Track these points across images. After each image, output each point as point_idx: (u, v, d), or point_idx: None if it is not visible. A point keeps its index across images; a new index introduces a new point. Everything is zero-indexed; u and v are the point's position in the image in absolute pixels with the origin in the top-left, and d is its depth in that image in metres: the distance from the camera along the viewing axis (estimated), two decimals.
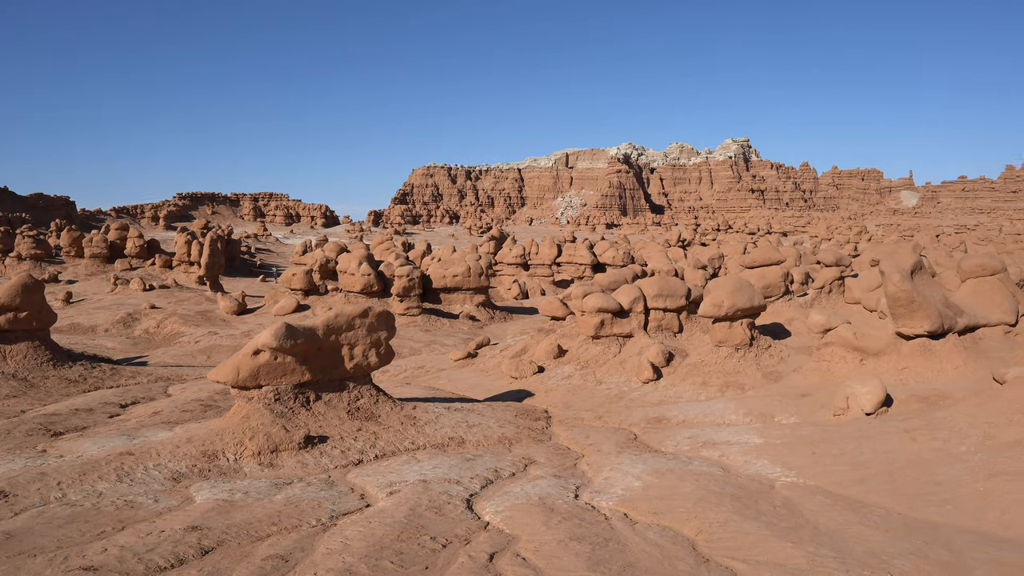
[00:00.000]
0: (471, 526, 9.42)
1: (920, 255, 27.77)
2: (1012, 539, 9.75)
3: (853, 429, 14.77)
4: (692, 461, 13.32)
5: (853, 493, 11.79)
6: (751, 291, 21.01)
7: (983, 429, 13.22)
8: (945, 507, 11.03)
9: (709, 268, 46.20)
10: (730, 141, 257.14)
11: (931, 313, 17.95)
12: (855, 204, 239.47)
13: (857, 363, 19.07)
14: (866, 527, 10.07)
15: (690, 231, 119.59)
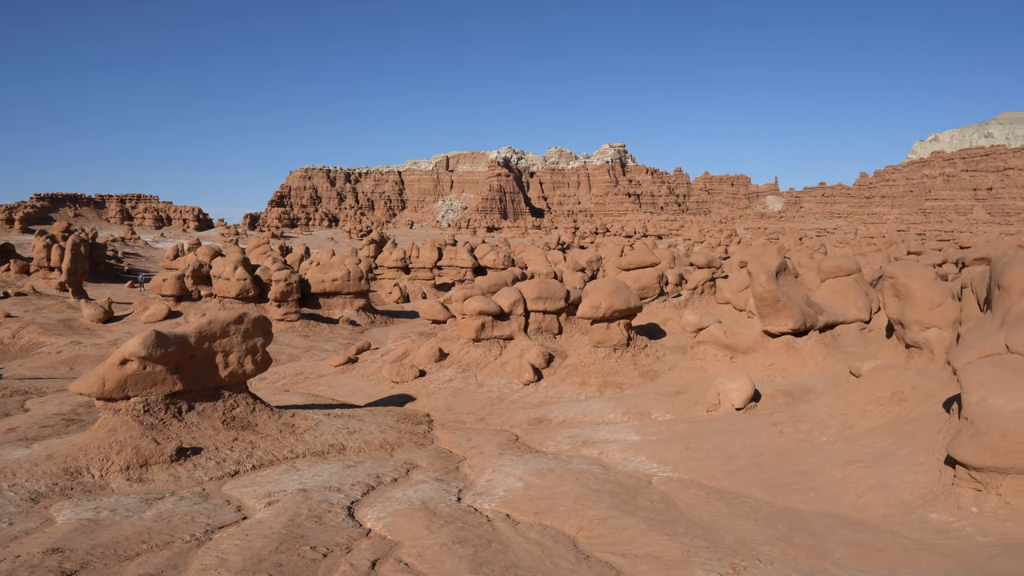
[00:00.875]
0: (353, 534, 9.24)
1: (784, 257, 29.20)
2: (866, 521, 10.38)
3: (724, 424, 15.38)
4: (572, 460, 13.51)
5: (725, 485, 12.27)
6: (628, 293, 21.56)
7: (841, 420, 14.03)
8: (808, 494, 11.63)
9: (588, 271, 47.13)
10: (607, 146, 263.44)
11: (795, 312, 18.92)
12: (726, 208, 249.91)
13: (728, 360, 19.87)
14: (737, 517, 10.48)
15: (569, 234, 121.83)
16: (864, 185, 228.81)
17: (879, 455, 12.22)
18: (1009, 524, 9.64)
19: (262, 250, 57.35)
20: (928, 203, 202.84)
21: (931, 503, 10.59)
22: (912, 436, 12.37)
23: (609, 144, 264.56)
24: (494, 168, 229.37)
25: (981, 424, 9.79)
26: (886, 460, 11.98)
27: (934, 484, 10.95)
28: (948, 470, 10.80)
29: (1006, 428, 9.59)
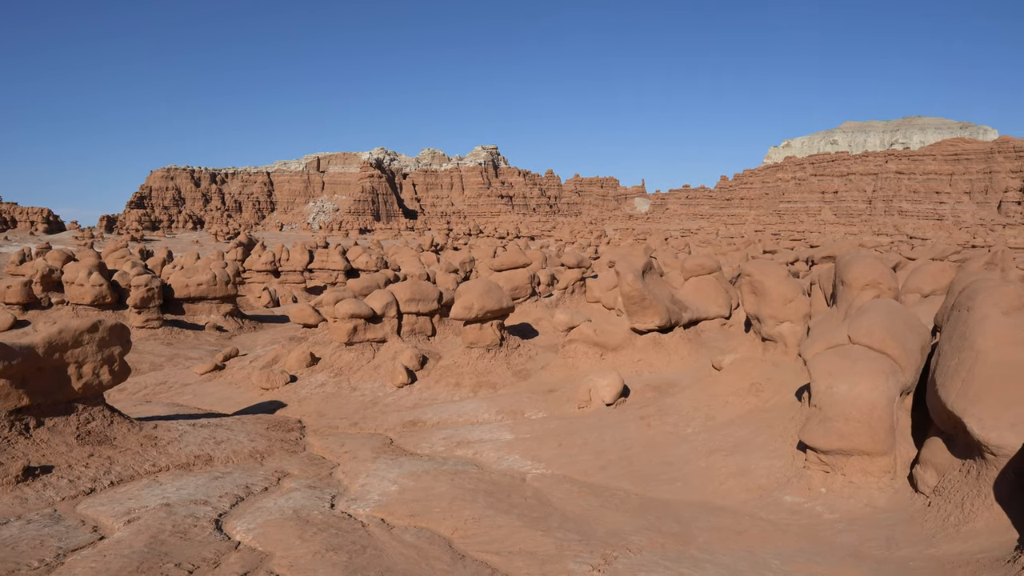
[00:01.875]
0: (221, 548, 8.92)
1: (651, 257, 30.21)
2: (728, 506, 10.91)
3: (595, 420, 15.79)
4: (447, 461, 13.53)
5: (597, 479, 12.59)
6: (500, 293, 21.78)
7: (705, 411, 14.67)
8: (675, 484, 12.11)
9: (461, 272, 47.24)
10: (480, 148, 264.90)
11: (661, 310, 19.63)
12: (595, 210, 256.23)
13: (598, 358, 20.40)
14: (608, 509, 10.79)
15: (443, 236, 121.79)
16: (725, 188, 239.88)
17: (739, 443, 12.86)
18: (852, 501, 10.38)
19: (120, 254, 54.37)
20: (782, 205, 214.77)
21: (786, 486, 11.25)
22: (768, 424, 13.09)
23: (482, 146, 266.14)
24: (366, 169, 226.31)
25: (828, 410, 10.49)
26: (745, 448, 12.63)
27: (788, 468, 11.64)
28: (800, 454, 11.50)
29: (849, 413, 10.31)
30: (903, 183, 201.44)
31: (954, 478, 9.61)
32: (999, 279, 10.68)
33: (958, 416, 9.17)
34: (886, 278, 14.62)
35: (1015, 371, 9.24)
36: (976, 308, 9.91)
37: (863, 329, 11.26)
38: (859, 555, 8.83)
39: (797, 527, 9.98)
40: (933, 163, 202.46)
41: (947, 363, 9.86)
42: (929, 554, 8.73)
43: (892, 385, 10.62)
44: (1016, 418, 8.86)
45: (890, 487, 10.63)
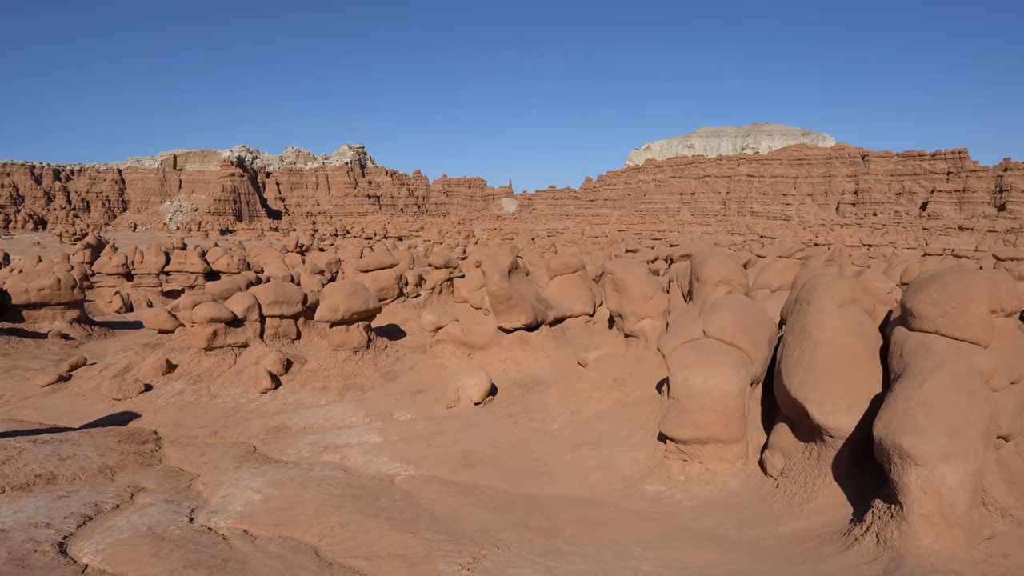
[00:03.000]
0: (65, 572, 8.40)
1: (517, 256, 30.63)
2: (594, 499, 11.24)
3: (464, 419, 15.87)
4: (314, 467, 13.26)
5: (466, 478, 12.67)
6: (366, 294, 21.53)
7: (570, 407, 15.03)
8: (542, 479, 12.34)
9: (327, 273, 46.36)
10: (346, 147, 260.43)
11: (527, 308, 19.94)
12: (463, 210, 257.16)
13: (466, 357, 20.51)
14: (477, 508, 10.88)
15: (308, 236, 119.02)
16: (589, 189, 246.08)
17: (603, 437, 13.26)
18: (709, 487, 10.92)
19: None
20: (643, 205, 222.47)
21: (648, 476, 11.70)
22: (631, 417, 13.56)
23: (348, 145, 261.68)
24: (227, 167, 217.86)
25: (685, 402, 10.98)
26: (609, 441, 13.03)
27: (650, 459, 12.10)
28: (661, 445, 11.98)
29: (704, 403, 10.83)
30: (754, 185, 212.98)
31: (799, 460, 10.28)
32: (836, 275, 11.49)
33: (801, 402, 9.82)
34: (737, 275, 15.44)
35: (849, 359, 9.98)
36: (815, 302, 10.63)
37: (716, 324, 11.85)
38: (715, 538, 9.29)
39: (659, 515, 10.39)
40: (780, 167, 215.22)
41: (791, 354, 10.53)
42: (777, 532, 9.31)
43: (744, 376, 11.23)
44: (851, 402, 9.58)
45: (743, 472, 11.24)
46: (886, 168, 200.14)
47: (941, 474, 7.48)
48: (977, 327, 9.11)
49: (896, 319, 10.26)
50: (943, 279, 9.52)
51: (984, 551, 7.76)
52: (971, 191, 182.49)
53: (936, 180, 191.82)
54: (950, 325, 9.19)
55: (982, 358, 8.94)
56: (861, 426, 9.37)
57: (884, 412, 8.10)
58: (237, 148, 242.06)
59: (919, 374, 8.40)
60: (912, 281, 10.34)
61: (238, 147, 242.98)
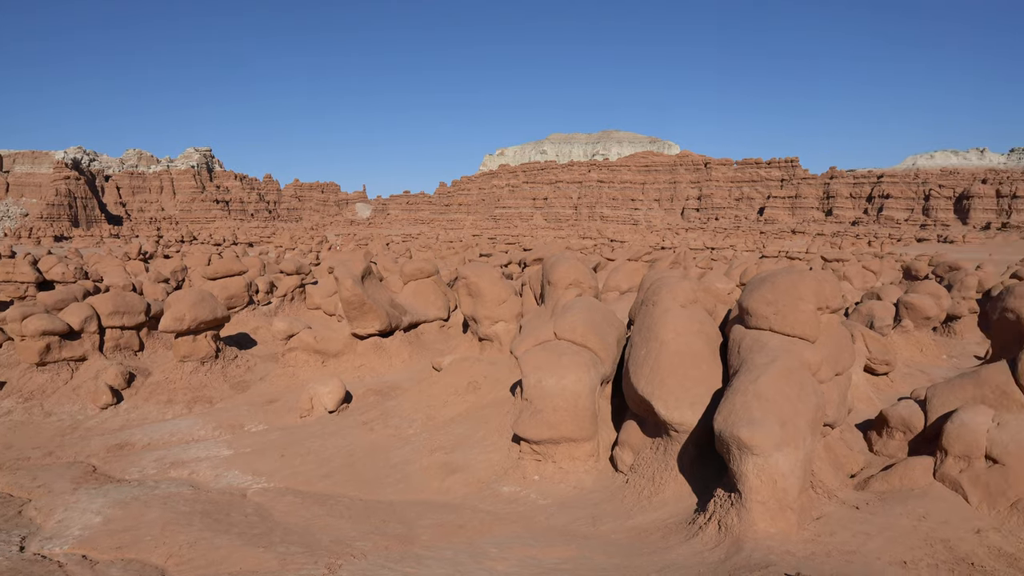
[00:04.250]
0: None
1: (370, 262, 30.27)
2: (450, 502, 11.25)
3: (318, 428, 15.51)
4: (160, 484, 12.58)
5: (321, 488, 12.38)
6: (214, 303, 20.66)
7: (426, 411, 14.98)
8: (399, 485, 12.24)
9: (172, 281, 44.11)
10: (192, 150, 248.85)
11: (380, 314, 19.73)
12: (316, 215, 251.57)
13: (320, 365, 20.06)
14: (333, 518, 10.65)
15: (152, 243, 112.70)
16: (444, 194, 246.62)
17: (459, 441, 13.30)
18: (562, 486, 11.17)
19: None
20: (498, 210, 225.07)
21: (503, 477, 11.82)
22: (486, 420, 13.67)
23: (195, 148, 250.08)
24: (61, 170, 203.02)
25: (537, 403, 11.18)
26: (465, 444, 13.08)
27: (505, 460, 12.23)
28: (515, 447, 12.14)
29: (556, 403, 11.07)
30: (604, 191, 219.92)
31: (647, 455, 10.68)
32: (679, 277, 12.03)
33: (648, 400, 10.20)
34: (587, 277, 15.88)
35: (692, 357, 10.47)
36: (659, 303, 11.09)
37: (567, 325, 12.14)
38: (568, 534, 9.51)
39: (514, 515, 10.52)
40: (629, 173, 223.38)
41: (638, 353, 10.93)
42: (628, 525, 9.63)
43: (594, 376, 11.56)
44: (694, 398, 10.05)
45: (595, 469, 11.57)
46: (726, 175, 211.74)
47: (775, 462, 7.97)
48: (805, 324, 9.78)
49: (734, 318, 10.85)
50: (775, 280, 10.16)
51: (813, 531, 8.33)
52: (802, 197, 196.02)
53: (771, 187, 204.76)
54: (782, 322, 9.81)
55: (810, 352, 9.60)
56: (704, 420, 9.85)
57: (723, 406, 8.55)
58: (72, 149, 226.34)
59: (755, 369, 8.92)
60: (748, 282, 10.98)
61: (73, 148, 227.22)
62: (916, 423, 10.77)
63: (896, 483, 9.59)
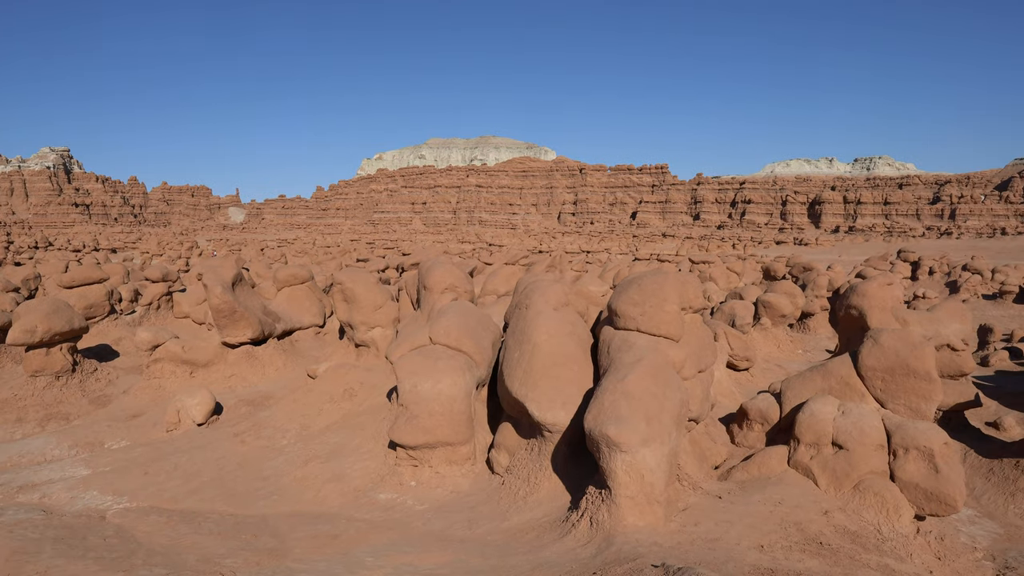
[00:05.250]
0: None
1: (242, 267, 29.38)
2: (326, 513, 11.05)
3: (185, 442, 14.91)
4: (6, 511, 11.77)
5: (188, 505, 11.91)
6: (70, 313, 19.53)
7: (300, 421, 14.67)
8: (272, 498, 11.92)
9: (24, 290, 41.33)
10: (48, 150, 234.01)
11: (252, 321, 19.17)
12: (186, 220, 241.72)
13: (188, 376, 19.29)
14: (200, 535, 10.26)
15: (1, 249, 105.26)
16: (321, 198, 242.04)
17: (335, 449, 13.09)
18: (439, 490, 11.18)
19: None
20: (376, 215, 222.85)
21: (379, 485, 11.72)
22: (362, 427, 13.51)
23: (50, 148, 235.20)
24: None
25: (413, 408, 11.15)
26: (341, 453, 12.89)
27: (381, 467, 12.12)
28: (392, 453, 12.06)
29: (433, 408, 11.08)
30: (482, 195, 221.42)
31: (522, 457, 10.84)
32: (551, 280, 12.28)
33: (521, 401, 10.36)
34: (463, 282, 15.95)
35: (564, 358, 10.70)
36: (532, 306, 11.28)
37: (442, 330, 12.17)
38: (445, 538, 9.53)
39: (391, 522, 10.45)
40: (506, 178, 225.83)
41: (512, 355, 11.08)
42: (503, 527, 9.74)
43: (469, 379, 11.63)
44: (566, 399, 10.28)
45: (472, 472, 11.63)
46: (601, 180, 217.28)
47: (642, 457, 8.25)
48: (670, 324, 10.17)
49: (605, 319, 11.17)
50: (641, 282, 10.52)
51: (679, 522, 8.67)
52: (672, 202, 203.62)
53: (643, 192, 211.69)
54: (648, 323, 10.17)
55: (675, 351, 10.00)
56: (576, 420, 10.08)
57: (593, 405, 8.78)
58: None
59: (622, 368, 9.21)
60: (617, 285, 11.33)
61: None
62: (772, 415, 11.39)
63: (755, 472, 10.11)
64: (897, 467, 9.58)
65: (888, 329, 11.40)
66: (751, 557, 7.98)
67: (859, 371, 11.06)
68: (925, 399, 10.84)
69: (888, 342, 10.98)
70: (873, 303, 15.36)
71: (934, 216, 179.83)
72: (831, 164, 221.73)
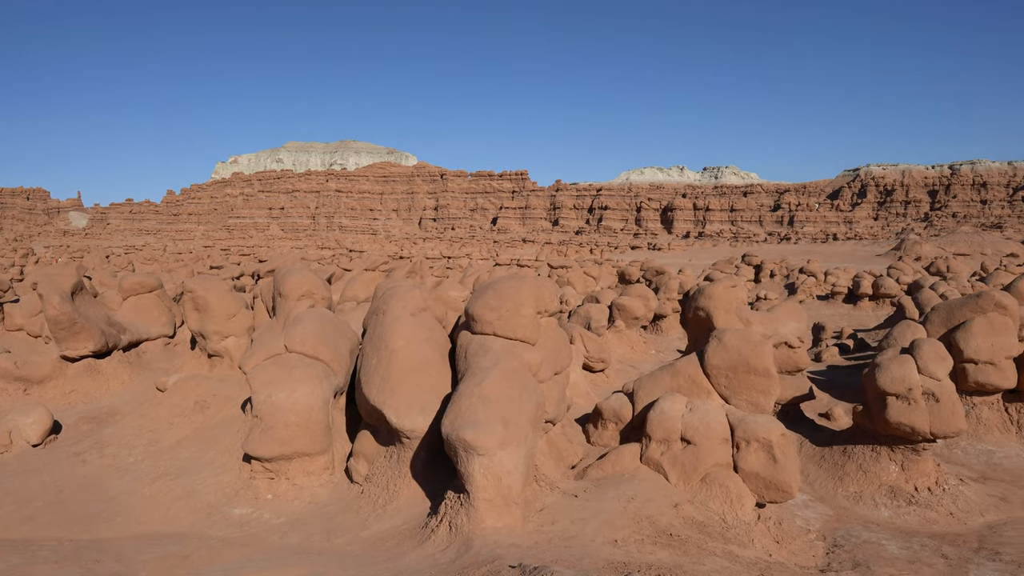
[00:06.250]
0: None
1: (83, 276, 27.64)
2: (176, 532, 10.59)
3: (19, 465, 13.90)
4: None
5: (22, 533, 11.12)
6: None
7: (148, 437, 13.97)
8: (117, 520, 11.30)
9: None
10: None
11: (95, 333, 18.10)
12: (21, 224, 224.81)
13: (22, 394, 17.98)
14: (35, 566, 9.60)
15: None
16: (172, 202, 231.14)
17: (185, 465, 12.55)
18: (297, 502, 10.94)
19: None
20: (231, 220, 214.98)
21: (234, 500, 11.34)
22: (215, 441, 13.03)
23: None
24: None
25: (269, 419, 10.87)
26: (192, 468, 12.37)
27: (236, 482, 11.73)
28: (247, 467, 11.70)
29: (289, 418, 10.84)
30: (342, 201, 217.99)
31: (381, 464, 10.77)
32: (409, 285, 12.26)
33: (379, 408, 10.30)
34: (320, 288, 15.67)
35: (422, 364, 10.73)
36: (390, 311, 11.25)
37: (298, 338, 11.92)
38: (303, 551, 9.34)
39: (245, 538, 10.14)
40: (367, 183, 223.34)
41: (369, 362, 11.00)
42: (363, 536, 9.65)
43: (327, 388, 11.45)
44: (424, 404, 10.31)
45: (330, 482, 11.45)
46: (462, 186, 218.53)
47: (499, 460, 8.39)
48: (526, 327, 10.39)
49: (463, 324, 11.27)
50: (498, 287, 10.69)
51: (536, 522, 8.87)
52: (532, 208, 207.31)
53: (503, 198, 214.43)
54: (505, 327, 10.35)
55: (531, 354, 10.22)
56: (435, 425, 10.13)
57: (450, 410, 8.86)
58: None
59: (479, 372, 9.33)
60: (475, 290, 11.46)
61: None
62: (626, 414, 11.83)
63: (609, 470, 10.47)
64: (740, 459, 10.18)
65: (731, 329, 12.08)
66: (605, 552, 8.27)
67: (705, 369, 11.66)
68: (765, 394, 11.56)
69: (731, 341, 11.64)
70: (719, 304, 16.23)
71: (775, 222, 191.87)
72: (682, 172, 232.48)
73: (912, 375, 12.35)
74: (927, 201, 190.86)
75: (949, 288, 32.87)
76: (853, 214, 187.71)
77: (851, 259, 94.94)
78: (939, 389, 12.21)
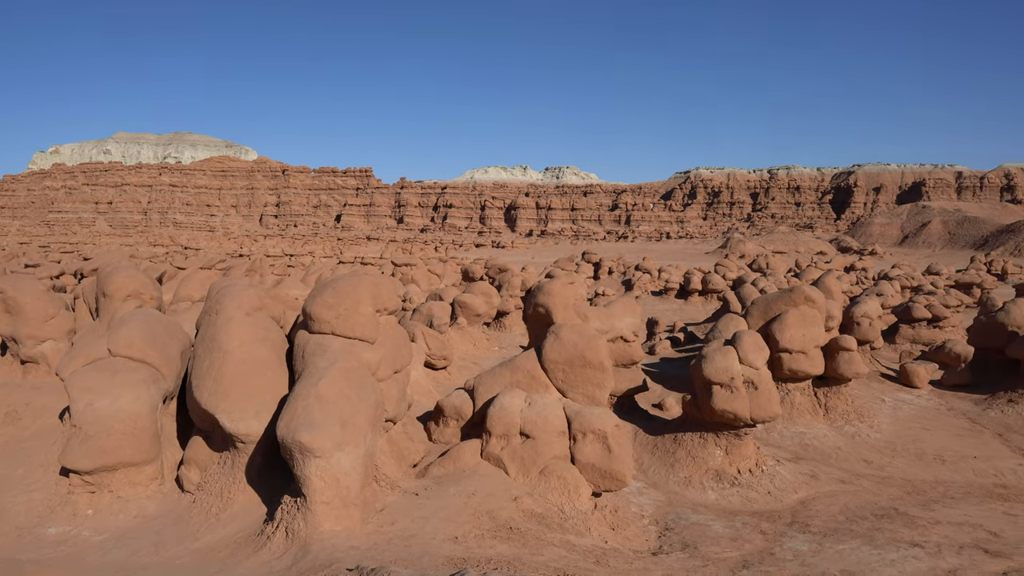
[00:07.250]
0: None
1: None
2: None
3: None
4: None
5: None
6: None
7: None
8: None
9: None
10: None
11: None
12: None
13: None
14: None
15: None
16: None
17: None
18: (122, 516, 10.31)
19: None
20: (52, 215, 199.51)
21: (49, 518, 10.53)
22: (28, 455, 12.04)
23: None
24: None
25: (89, 428, 10.18)
26: (1, 486, 11.40)
27: (51, 498, 10.90)
28: (64, 481, 10.89)
29: (112, 427, 10.19)
30: (177, 195, 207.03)
31: (214, 471, 10.33)
32: (244, 284, 11.81)
33: (212, 413, 9.88)
34: (148, 288, 14.84)
35: (257, 366, 10.38)
36: (223, 311, 10.80)
37: (123, 340, 11.23)
38: (127, 568, 8.82)
39: (62, 558, 9.45)
40: (204, 178, 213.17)
41: (201, 365, 10.52)
42: (194, 547, 9.23)
43: (155, 393, 10.85)
44: (260, 407, 9.97)
45: (159, 493, 10.86)
46: (305, 183, 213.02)
47: (337, 462, 8.26)
48: (365, 326, 10.27)
49: (300, 323, 10.99)
50: (336, 285, 10.51)
51: (376, 523, 8.80)
52: (376, 206, 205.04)
53: (348, 195, 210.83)
54: (343, 326, 10.19)
55: (370, 353, 10.11)
56: (271, 429, 9.81)
57: (286, 412, 8.63)
58: None
59: (316, 373, 9.14)
60: (313, 288, 11.20)
61: None
62: (466, 410, 11.94)
63: (451, 466, 10.53)
64: (577, 450, 10.50)
65: (568, 325, 12.45)
66: (445, 549, 8.32)
67: (543, 364, 11.95)
68: (599, 387, 11.99)
69: (567, 336, 11.98)
70: (557, 301, 16.66)
71: (613, 221, 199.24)
72: (525, 172, 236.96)
73: (734, 365, 13.18)
74: (750, 203, 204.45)
75: (768, 283, 35.32)
76: (684, 214, 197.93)
77: (683, 256, 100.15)
78: (758, 377, 13.10)
